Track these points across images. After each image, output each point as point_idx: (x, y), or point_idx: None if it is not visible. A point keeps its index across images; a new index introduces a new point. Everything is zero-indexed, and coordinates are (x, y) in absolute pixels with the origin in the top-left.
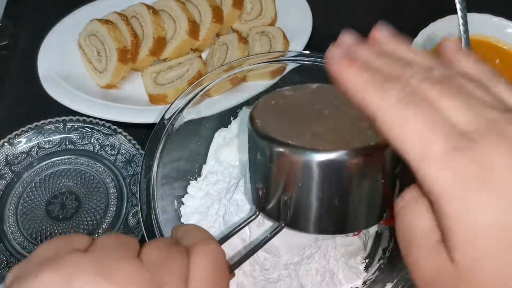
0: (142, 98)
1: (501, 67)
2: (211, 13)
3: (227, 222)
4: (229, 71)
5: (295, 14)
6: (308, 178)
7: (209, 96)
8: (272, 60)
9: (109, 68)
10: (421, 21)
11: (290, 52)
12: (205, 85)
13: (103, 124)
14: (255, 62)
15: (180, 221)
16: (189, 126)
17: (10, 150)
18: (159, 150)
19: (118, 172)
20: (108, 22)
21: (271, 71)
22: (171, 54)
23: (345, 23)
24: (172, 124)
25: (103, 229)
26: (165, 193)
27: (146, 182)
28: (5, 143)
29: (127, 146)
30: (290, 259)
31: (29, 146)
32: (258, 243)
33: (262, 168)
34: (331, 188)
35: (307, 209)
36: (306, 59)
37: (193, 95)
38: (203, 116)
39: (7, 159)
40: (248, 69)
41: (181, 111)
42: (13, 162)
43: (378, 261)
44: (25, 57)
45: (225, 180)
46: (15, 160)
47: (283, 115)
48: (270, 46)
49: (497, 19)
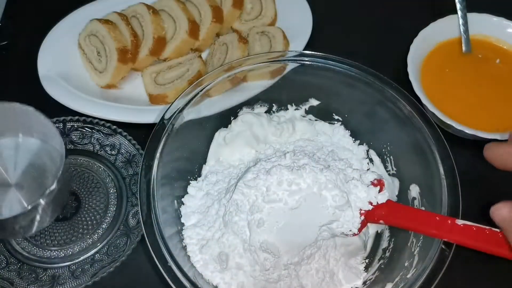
0: (142, 98)
1: (501, 67)
2: (211, 13)
3: (227, 222)
4: (229, 71)
5: (295, 14)
6: None
7: (209, 96)
8: (272, 61)
9: (109, 68)
10: (421, 21)
11: (290, 52)
12: (205, 85)
13: (103, 124)
14: (255, 62)
15: (180, 221)
16: (189, 126)
17: None
18: (159, 150)
19: (118, 172)
20: (108, 22)
21: (271, 71)
22: (171, 54)
23: (345, 23)
24: (172, 124)
25: (102, 229)
26: (165, 193)
27: (146, 182)
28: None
29: (127, 146)
30: (290, 259)
31: None
32: None
33: None
34: None
35: None
36: (306, 59)
37: (193, 95)
38: (203, 116)
39: None
40: (248, 69)
41: (181, 111)
42: None
43: (378, 261)
44: (25, 57)
45: (225, 180)
46: None
47: None
48: (270, 46)
49: (497, 19)
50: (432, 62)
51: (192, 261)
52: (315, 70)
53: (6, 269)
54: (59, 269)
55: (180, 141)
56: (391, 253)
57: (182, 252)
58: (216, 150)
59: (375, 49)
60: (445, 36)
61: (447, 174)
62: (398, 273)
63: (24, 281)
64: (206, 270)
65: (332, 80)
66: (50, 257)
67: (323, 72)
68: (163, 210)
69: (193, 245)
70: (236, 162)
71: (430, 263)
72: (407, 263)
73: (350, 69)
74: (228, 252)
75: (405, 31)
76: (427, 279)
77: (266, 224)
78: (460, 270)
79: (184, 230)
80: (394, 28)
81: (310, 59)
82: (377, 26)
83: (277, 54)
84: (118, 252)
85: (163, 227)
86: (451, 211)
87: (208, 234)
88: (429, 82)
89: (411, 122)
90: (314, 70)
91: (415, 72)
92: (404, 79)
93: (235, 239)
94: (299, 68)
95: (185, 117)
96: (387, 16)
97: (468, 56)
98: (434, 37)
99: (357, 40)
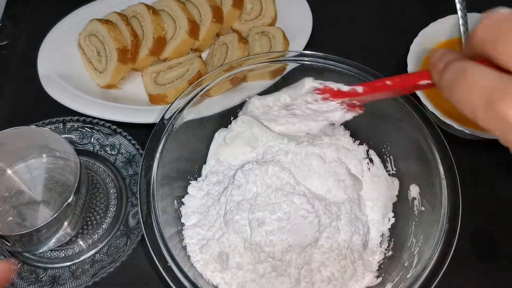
0: (142, 98)
1: None
2: (211, 13)
3: (228, 221)
4: (229, 71)
5: (295, 14)
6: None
7: (209, 96)
8: (272, 61)
9: (109, 68)
10: (421, 21)
11: (290, 52)
12: (205, 85)
13: (103, 124)
14: (255, 62)
15: (180, 221)
16: (189, 126)
17: None
18: (159, 150)
19: (118, 172)
20: (108, 22)
21: (271, 71)
22: (171, 54)
23: (345, 23)
24: (172, 124)
25: (102, 229)
26: (165, 193)
27: (146, 182)
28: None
29: (127, 146)
30: (293, 258)
31: None
32: None
33: None
34: None
35: None
36: (306, 59)
37: (193, 95)
38: (203, 116)
39: None
40: (248, 69)
41: (181, 111)
42: None
43: (377, 261)
44: (25, 57)
45: (225, 180)
46: None
47: None
48: (270, 46)
49: None
50: None
51: (192, 261)
52: (315, 70)
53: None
54: (59, 270)
55: (180, 141)
56: (391, 253)
57: (182, 252)
58: (216, 150)
59: (375, 49)
60: (445, 36)
61: (447, 174)
62: (398, 273)
63: (24, 282)
64: (206, 270)
65: (332, 80)
66: (50, 257)
67: (323, 72)
68: (163, 210)
69: (193, 245)
70: (236, 162)
71: (430, 263)
72: (407, 263)
73: (350, 69)
74: (228, 251)
75: (405, 31)
76: (427, 279)
77: (267, 223)
78: (460, 270)
79: (184, 230)
80: (394, 28)
81: (310, 59)
82: (377, 26)
83: (277, 54)
84: (118, 252)
85: (163, 227)
86: (451, 211)
87: (208, 233)
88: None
89: (411, 122)
90: (314, 70)
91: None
92: None
93: (236, 238)
94: (299, 68)
95: (185, 117)
96: (387, 16)
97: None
98: (434, 37)
99: (357, 40)
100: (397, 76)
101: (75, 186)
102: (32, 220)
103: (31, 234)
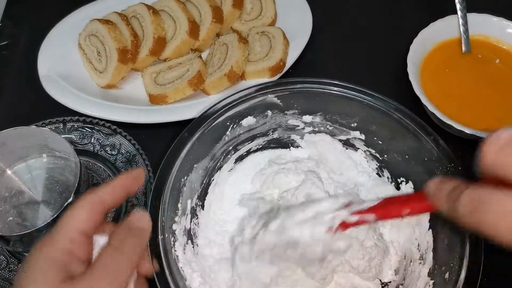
0: (142, 98)
1: (501, 67)
2: (211, 13)
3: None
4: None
5: (295, 14)
6: None
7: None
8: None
9: (109, 68)
10: (421, 21)
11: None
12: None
13: (103, 124)
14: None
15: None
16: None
17: None
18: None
19: (118, 172)
20: (108, 22)
21: (270, 68)
22: (171, 54)
23: (345, 23)
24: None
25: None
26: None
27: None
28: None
29: (127, 146)
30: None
31: None
32: None
33: None
34: None
35: None
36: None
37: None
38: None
39: None
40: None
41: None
42: None
43: None
44: (25, 57)
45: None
46: None
47: None
48: (270, 46)
49: (497, 19)
50: (432, 62)
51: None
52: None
53: (7, 269)
54: None
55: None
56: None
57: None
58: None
59: (375, 49)
60: (445, 36)
61: (447, 174)
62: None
63: None
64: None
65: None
66: None
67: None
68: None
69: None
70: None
71: None
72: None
73: (348, 92)
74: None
75: (405, 31)
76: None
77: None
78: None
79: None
80: (394, 29)
81: (302, 86)
82: (377, 26)
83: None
84: None
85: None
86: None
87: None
88: (429, 82)
89: (411, 123)
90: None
91: (415, 72)
92: (404, 79)
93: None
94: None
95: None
96: (387, 16)
97: (468, 56)
98: (434, 38)
99: (357, 40)
100: (407, 203)
101: (75, 186)
102: (32, 220)
103: (31, 234)
